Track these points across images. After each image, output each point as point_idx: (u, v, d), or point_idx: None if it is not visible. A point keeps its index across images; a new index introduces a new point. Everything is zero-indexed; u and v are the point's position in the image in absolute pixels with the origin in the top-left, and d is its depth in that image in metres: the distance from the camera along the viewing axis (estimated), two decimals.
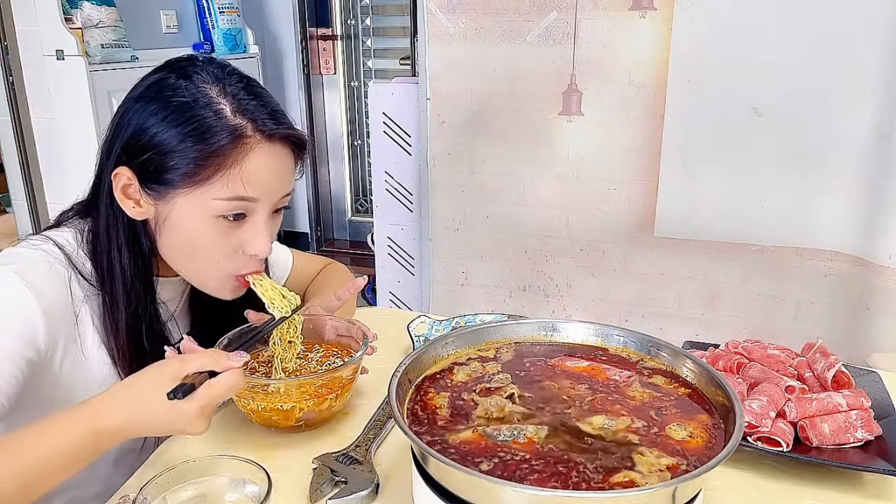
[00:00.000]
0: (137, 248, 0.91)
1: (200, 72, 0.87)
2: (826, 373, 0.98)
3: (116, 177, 0.87)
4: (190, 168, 0.84)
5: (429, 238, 2.40)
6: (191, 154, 0.83)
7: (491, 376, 0.83)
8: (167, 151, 0.84)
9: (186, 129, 0.83)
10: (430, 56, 2.20)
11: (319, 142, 4.14)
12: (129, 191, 0.87)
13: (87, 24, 2.73)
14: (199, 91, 0.85)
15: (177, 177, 0.84)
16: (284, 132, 0.88)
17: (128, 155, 0.86)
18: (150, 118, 0.85)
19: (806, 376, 1.01)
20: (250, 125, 0.85)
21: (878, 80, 1.76)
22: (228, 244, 0.88)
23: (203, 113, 0.84)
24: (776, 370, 1.01)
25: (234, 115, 0.85)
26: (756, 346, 1.07)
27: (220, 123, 0.84)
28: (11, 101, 2.77)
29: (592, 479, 0.65)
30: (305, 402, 0.90)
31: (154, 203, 0.87)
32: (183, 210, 0.86)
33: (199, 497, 0.74)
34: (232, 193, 0.85)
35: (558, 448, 0.70)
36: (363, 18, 3.94)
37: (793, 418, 0.92)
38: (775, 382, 0.96)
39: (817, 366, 1.01)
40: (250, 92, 0.88)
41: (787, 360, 1.04)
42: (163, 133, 0.84)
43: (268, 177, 0.87)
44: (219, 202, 0.85)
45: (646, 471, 0.66)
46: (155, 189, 0.86)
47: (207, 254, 0.88)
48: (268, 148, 0.86)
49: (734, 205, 1.99)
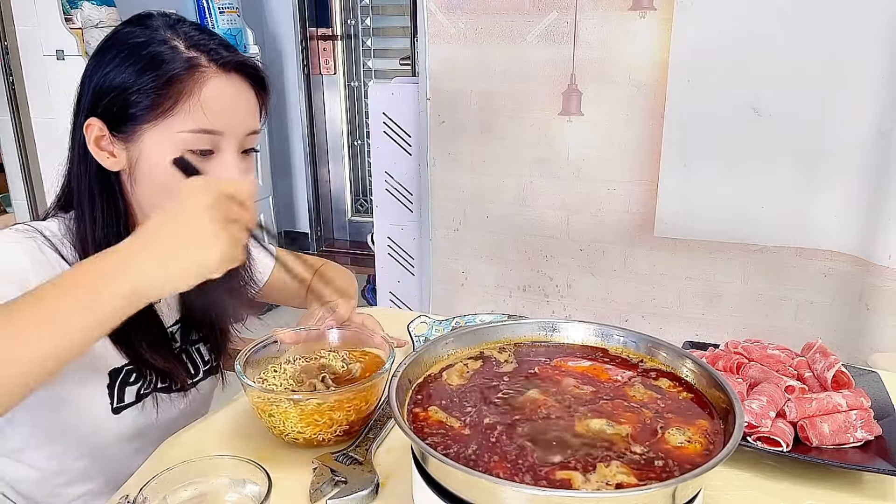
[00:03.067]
0: (112, 204, 0.92)
1: (154, 21, 0.91)
2: (826, 373, 0.98)
3: (88, 129, 0.89)
4: (151, 99, 0.86)
5: (429, 238, 2.41)
6: (149, 85, 0.86)
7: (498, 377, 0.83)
8: (127, 87, 0.87)
9: (143, 62, 0.87)
10: (430, 56, 2.20)
11: (319, 142, 4.14)
12: (101, 143, 0.90)
13: (87, 24, 2.73)
14: (153, 33, 0.89)
15: (140, 111, 0.87)
16: (238, 59, 0.91)
17: (93, 104, 0.89)
18: (108, 65, 0.88)
19: (806, 376, 1.01)
20: (204, 56, 0.89)
21: (878, 79, 1.76)
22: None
23: (159, 49, 0.87)
24: (776, 370, 1.01)
25: (188, 49, 0.88)
26: (756, 346, 1.07)
27: (175, 55, 0.87)
28: (11, 101, 2.77)
29: (538, 467, 0.66)
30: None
31: (125, 147, 0.89)
32: (152, 148, 0.88)
33: (199, 497, 0.74)
34: (195, 125, 0.87)
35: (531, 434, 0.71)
36: (363, 18, 3.94)
37: (793, 418, 0.92)
38: (775, 382, 0.96)
39: (817, 366, 1.01)
40: (203, 31, 0.92)
41: (787, 360, 1.04)
42: (122, 73, 0.87)
43: (228, 107, 0.89)
44: (184, 135, 0.87)
45: (594, 479, 0.65)
46: (123, 131, 0.88)
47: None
48: (224, 77, 0.89)
49: (734, 205, 1.99)
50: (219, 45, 0.90)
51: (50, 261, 0.88)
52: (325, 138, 4.16)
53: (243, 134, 0.91)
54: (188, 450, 0.91)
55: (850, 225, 1.88)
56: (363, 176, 4.22)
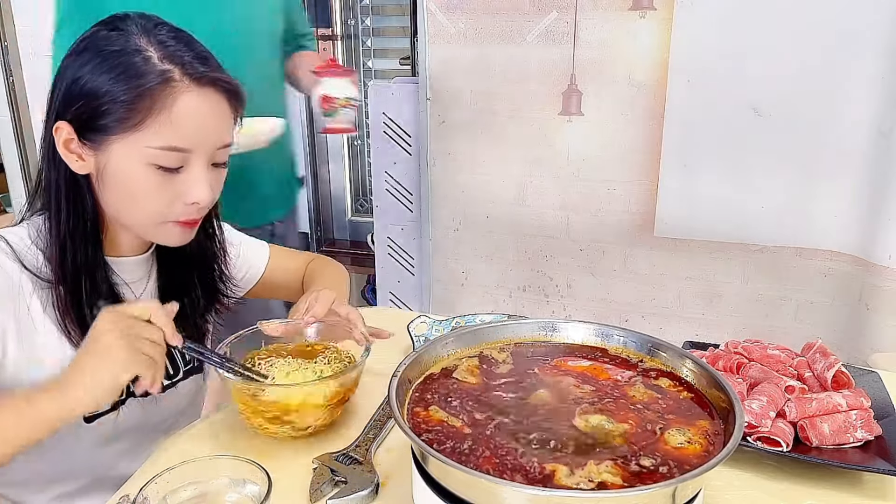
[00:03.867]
0: (80, 203, 0.91)
1: (130, 24, 0.89)
2: (826, 373, 0.98)
3: (57, 131, 0.88)
4: (121, 112, 0.85)
5: (429, 238, 2.41)
6: (121, 97, 0.84)
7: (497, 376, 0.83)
8: (99, 96, 0.85)
9: (115, 73, 0.85)
10: (430, 56, 2.20)
11: (319, 142, 4.14)
12: (70, 145, 0.88)
13: None
14: (128, 41, 0.87)
15: (110, 122, 0.85)
16: (213, 75, 0.88)
17: (64, 107, 0.88)
18: (81, 69, 0.86)
19: (805, 376, 1.01)
20: (178, 70, 0.86)
21: (878, 79, 1.76)
22: (167, 193, 0.89)
23: (132, 59, 0.85)
24: (776, 370, 1.01)
25: (162, 61, 0.86)
26: (756, 346, 1.07)
27: (148, 67, 0.85)
28: (11, 101, 2.77)
29: (528, 463, 0.67)
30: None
31: (94, 153, 0.88)
32: (120, 158, 0.87)
33: (199, 497, 0.74)
34: (164, 142, 0.86)
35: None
36: (363, 18, 3.94)
37: (793, 418, 0.92)
38: (775, 382, 0.96)
39: (817, 366, 1.01)
40: (179, 39, 0.89)
41: (787, 360, 1.04)
42: (94, 80, 0.85)
43: (200, 123, 0.88)
44: (152, 150, 0.86)
45: (580, 475, 0.65)
46: (91, 139, 0.87)
47: (146, 202, 0.89)
48: (197, 92, 0.87)
49: (734, 205, 1.99)
50: (194, 57, 0.87)
51: (7, 272, 0.88)
52: (325, 138, 4.15)
53: (214, 148, 0.90)
54: (188, 450, 0.91)
55: (850, 225, 1.88)
56: (363, 176, 4.22)
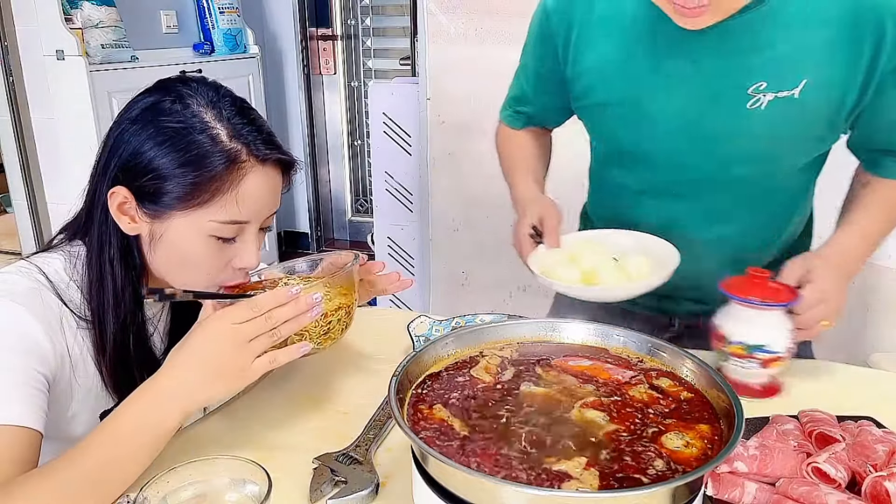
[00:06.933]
0: (130, 260, 0.92)
1: (195, 94, 0.88)
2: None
3: (113, 195, 0.88)
4: (187, 192, 0.86)
5: (429, 238, 2.41)
6: (188, 179, 0.85)
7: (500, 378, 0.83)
8: (164, 176, 0.86)
9: (183, 155, 0.85)
10: (430, 56, 2.20)
11: (319, 142, 4.14)
12: (124, 207, 0.89)
13: (87, 24, 2.73)
14: (194, 116, 0.87)
15: (174, 200, 0.86)
16: (277, 156, 0.91)
17: (124, 176, 0.88)
18: (146, 142, 0.86)
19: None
20: (245, 150, 0.87)
21: None
22: (219, 259, 0.91)
23: (199, 138, 0.85)
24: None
25: (230, 140, 0.87)
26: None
27: (216, 149, 0.86)
28: (11, 101, 2.76)
29: (527, 461, 0.67)
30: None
31: (150, 221, 0.89)
32: (179, 230, 0.88)
33: (199, 497, 0.74)
34: (227, 217, 0.87)
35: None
36: (363, 18, 3.94)
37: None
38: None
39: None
40: (244, 116, 0.90)
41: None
42: (160, 158, 0.86)
43: (261, 199, 0.90)
44: (214, 224, 0.87)
45: (579, 469, 0.66)
46: (152, 209, 0.88)
47: (198, 268, 0.91)
48: (261, 171, 0.89)
49: None
50: (257, 138, 0.89)
51: (53, 308, 0.88)
52: (325, 138, 4.16)
53: (267, 217, 0.93)
54: (188, 450, 0.91)
55: None
56: (363, 176, 4.22)
